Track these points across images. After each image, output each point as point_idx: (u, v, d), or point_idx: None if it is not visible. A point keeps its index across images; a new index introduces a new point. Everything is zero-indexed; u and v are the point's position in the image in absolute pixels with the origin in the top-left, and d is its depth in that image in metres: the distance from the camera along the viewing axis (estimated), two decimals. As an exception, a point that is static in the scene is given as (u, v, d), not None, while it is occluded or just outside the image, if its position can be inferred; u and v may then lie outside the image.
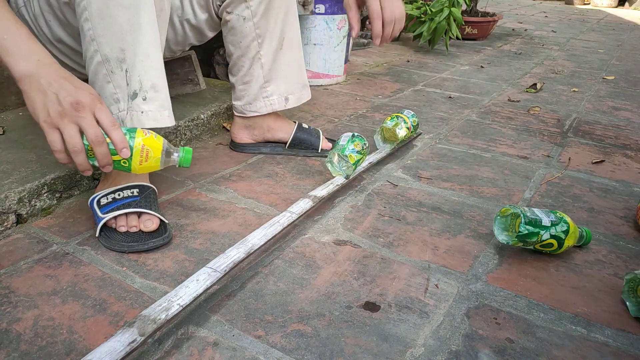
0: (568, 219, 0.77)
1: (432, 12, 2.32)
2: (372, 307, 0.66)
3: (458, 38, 2.60)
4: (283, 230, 0.79)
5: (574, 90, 1.88)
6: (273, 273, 0.72)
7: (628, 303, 0.68)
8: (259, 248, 0.73)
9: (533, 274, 0.75)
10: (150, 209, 0.78)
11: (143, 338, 0.54)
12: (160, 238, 0.76)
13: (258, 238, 0.74)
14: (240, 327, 0.62)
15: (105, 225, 0.77)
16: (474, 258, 0.78)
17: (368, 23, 2.88)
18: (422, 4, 2.41)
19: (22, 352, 0.56)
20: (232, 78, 1.10)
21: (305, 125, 1.15)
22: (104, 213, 0.76)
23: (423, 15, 2.35)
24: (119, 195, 0.78)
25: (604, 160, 1.20)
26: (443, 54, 2.46)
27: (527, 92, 1.83)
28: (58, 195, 0.87)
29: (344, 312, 0.65)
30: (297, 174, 1.05)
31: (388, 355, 0.58)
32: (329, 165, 0.98)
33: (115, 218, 0.77)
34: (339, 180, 0.95)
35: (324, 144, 1.14)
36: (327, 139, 1.16)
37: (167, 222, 0.80)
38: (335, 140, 1.01)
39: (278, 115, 1.13)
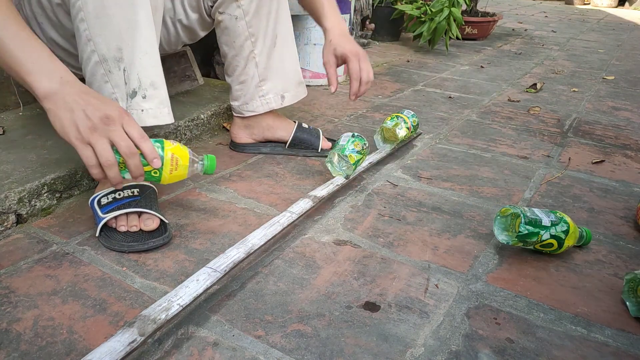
0: (568, 219, 0.77)
1: (432, 12, 2.32)
2: (372, 307, 0.66)
3: (458, 38, 2.60)
4: (283, 230, 0.79)
5: (574, 90, 1.88)
6: (273, 273, 0.72)
7: (628, 303, 0.68)
8: (259, 248, 0.73)
9: (533, 274, 0.75)
10: (151, 209, 0.78)
11: (143, 338, 0.54)
12: (160, 238, 0.76)
13: (258, 238, 0.74)
14: (240, 327, 0.62)
15: (106, 225, 0.77)
16: (474, 258, 0.78)
17: (368, 23, 2.87)
18: (422, 4, 2.41)
19: (22, 352, 0.56)
20: (228, 78, 1.11)
21: (305, 125, 1.15)
22: (105, 213, 0.76)
23: (423, 15, 2.35)
24: (120, 195, 0.78)
25: (604, 160, 1.20)
26: (443, 54, 2.46)
27: (527, 92, 1.83)
28: (58, 195, 0.87)
29: (344, 312, 0.65)
30: (297, 174, 1.05)
31: (388, 355, 0.58)
32: (329, 165, 0.98)
33: (116, 218, 0.77)
34: (339, 180, 0.95)
35: (324, 144, 1.14)
36: (327, 139, 1.16)
37: (167, 222, 0.80)
38: (335, 140, 1.01)
39: (277, 114, 1.14)
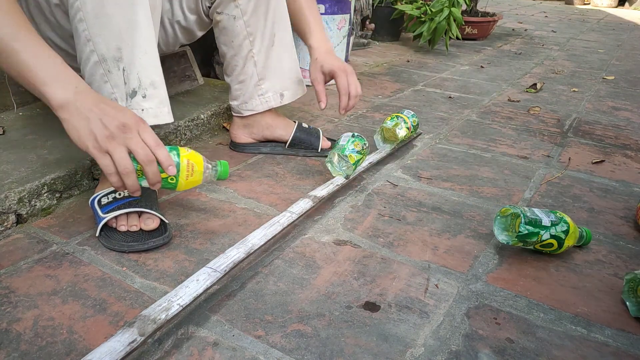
0: (568, 219, 0.77)
1: (432, 12, 2.32)
2: (372, 307, 0.66)
3: (458, 38, 2.60)
4: (283, 230, 0.78)
5: (574, 90, 1.88)
6: (273, 273, 0.72)
7: (628, 303, 0.68)
8: (259, 248, 0.73)
9: (533, 274, 0.75)
10: (151, 209, 0.78)
11: (143, 338, 0.54)
12: (161, 238, 0.76)
13: (258, 238, 0.74)
14: (240, 327, 0.62)
15: (106, 225, 0.77)
16: (474, 258, 0.78)
17: (368, 22, 2.87)
18: (422, 4, 2.41)
19: (22, 352, 0.56)
20: (227, 78, 1.11)
21: (305, 125, 1.15)
22: (105, 213, 0.76)
23: (423, 15, 2.35)
24: (120, 195, 0.78)
25: (604, 160, 1.20)
26: (443, 54, 2.46)
27: (527, 92, 1.83)
28: (58, 195, 0.87)
29: (344, 312, 0.65)
30: (297, 174, 1.05)
31: (388, 355, 0.58)
32: (329, 165, 0.98)
33: (116, 217, 0.77)
34: (339, 180, 0.95)
35: (324, 144, 1.14)
36: (327, 139, 1.16)
37: (167, 222, 0.80)
38: (335, 140, 1.01)
39: (277, 114, 1.14)
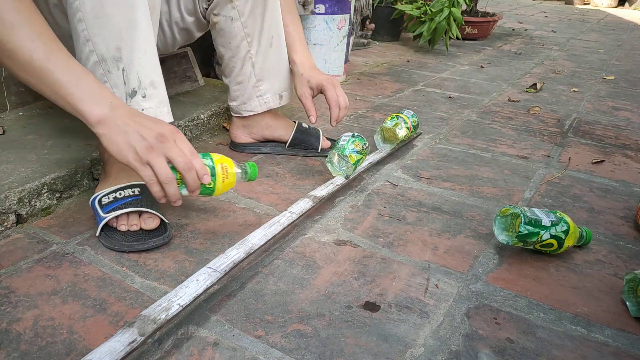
0: (568, 219, 0.77)
1: (432, 12, 2.32)
2: (372, 307, 0.66)
3: (458, 38, 2.60)
4: (283, 230, 0.78)
5: (574, 90, 1.88)
6: (273, 273, 0.72)
7: (628, 303, 0.68)
8: (259, 248, 0.73)
9: (533, 274, 0.75)
10: (152, 209, 0.77)
11: (143, 338, 0.54)
12: (161, 237, 0.76)
13: (258, 238, 0.74)
14: (240, 327, 0.62)
15: (106, 225, 0.77)
16: (474, 258, 0.78)
17: (368, 22, 2.87)
18: (422, 4, 2.41)
19: (22, 352, 0.56)
20: (225, 79, 1.11)
21: (305, 125, 1.15)
22: (106, 212, 0.76)
23: (423, 15, 2.35)
24: (120, 195, 0.78)
25: (604, 160, 1.20)
26: (443, 54, 2.46)
27: (527, 92, 1.83)
28: (58, 195, 0.87)
29: (344, 312, 0.65)
30: (297, 174, 1.05)
31: (388, 355, 0.58)
32: (329, 165, 0.98)
33: (117, 217, 0.77)
34: (339, 180, 0.95)
35: (324, 144, 1.14)
36: (327, 139, 1.16)
37: (167, 221, 0.80)
38: (335, 140, 1.01)
39: (276, 114, 1.14)
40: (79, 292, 0.66)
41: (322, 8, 1.63)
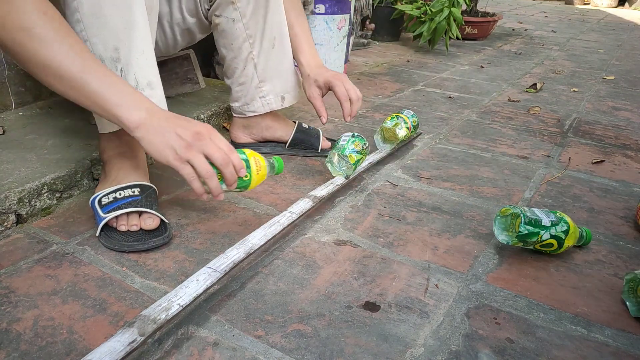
0: (568, 219, 0.77)
1: (432, 12, 2.32)
2: (372, 307, 0.66)
3: (458, 38, 2.60)
4: (283, 230, 0.78)
5: (574, 90, 1.88)
6: (273, 273, 0.72)
7: (628, 303, 0.68)
8: (259, 248, 0.73)
9: (533, 274, 0.75)
10: (151, 209, 0.78)
11: (143, 338, 0.54)
12: (161, 238, 0.76)
13: (258, 238, 0.74)
14: (240, 327, 0.62)
15: (106, 225, 0.77)
16: (474, 258, 0.78)
17: (368, 22, 2.87)
18: (422, 4, 2.41)
19: (22, 352, 0.56)
20: (227, 80, 1.11)
21: (305, 125, 1.15)
22: (106, 213, 0.76)
23: (423, 15, 2.35)
24: (120, 195, 0.78)
25: (604, 160, 1.20)
26: (443, 54, 2.46)
27: (527, 92, 1.83)
28: (58, 195, 0.87)
29: (344, 312, 0.65)
30: (297, 174, 1.05)
31: (388, 355, 0.58)
32: (329, 165, 0.98)
33: (116, 217, 0.77)
34: (339, 180, 0.95)
35: (324, 144, 1.14)
36: (327, 139, 1.16)
37: (167, 221, 0.80)
38: (335, 140, 1.01)
39: (277, 114, 1.14)
40: (79, 292, 0.66)
41: (322, 8, 1.63)
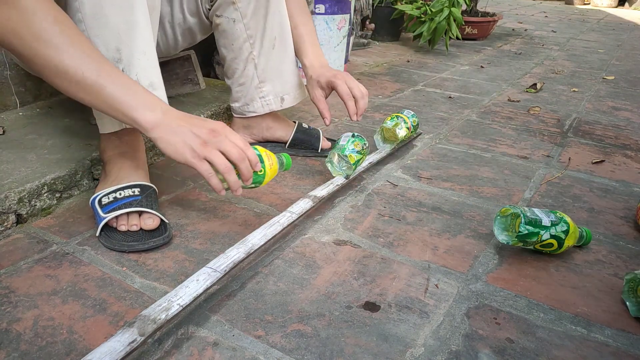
0: (568, 219, 0.77)
1: (432, 12, 2.32)
2: (372, 307, 0.66)
3: (458, 38, 2.60)
4: (283, 230, 0.78)
5: (574, 90, 1.88)
6: (273, 273, 0.72)
7: (628, 303, 0.68)
8: (259, 248, 0.73)
9: (533, 274, 0.75)
10: (152, 209, 0.78)
11: (143, 338, 0.54)
12: (161, 238, 0.76)
13: (258, 238, 0.74)
14: (240, 327, 0.62)
15: (106, 225, 0.77)
16: (474, 258, 0.78)
17: (368, 22, 2.87)
18: (422, 4, 2.41)
19: (22, 352, 0.56)
20: (227, 80, 1.11)
21: (305, 125, 1.15)
22: (106, 213, 0.76)
23: (423, 15, 2.35)
24: (120, 195, 0.78)
25: (604, 160, 1.20)
26: (443, 54, 2.46)
27: (527, 92, 1.83)
28: (58, 195, 0.87)
29: (344, 312, 0.65)
30: (297, 174, 1.05)
31: (388, 355, 0.58)
32: (329, 165, 0.98)
33: (117, 217, 0.77)
34: (339, 180, 0.95)
35: (324, 144, 1.14)
36: (327, 139, 1.16)
37: (167, 221, 0.80)
38: (335, 140, 1.01)
39: (277, 115, 1.14)
40: (79, 292, 0.66)
41: (322, 8, 1.63)
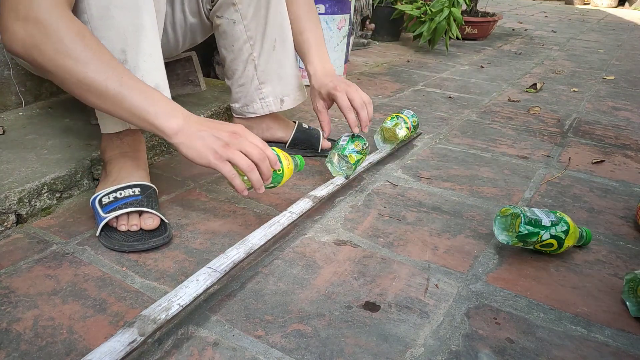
0: (568, 219, 0.77)
1: (432, 12, 2.32)
2: (372, 307, 0.66)
3: (458, 38, 2.60)
4: (283, 230, 0.78)
5: (574, 90, 1.88)
6: (273, 273, 0.72)
7: (628, 303, 0.68)
8: (259, 248, 0.73)
9: (533, 274, 0.75)
10: (152, 208, 0.78)
11: (143, 338, 0.54)
12: (161, 238, 0.76)
13: (258, 238, 0.74)
14: (240, 327, 0.62)
15: (106, 225, 0.77)
16: (474, 258, 0.78)
17: (368, 22, 2.87)
18: (422, 4, 2.41)
19: (22, 352, 0.56)
20: (227, 81, 1.11)
21: (305, 125, 1.15)
22: (106, 212, 0.76)
23: (423, 15, 2.35)
24: (120, 195, 0.78)
25: (604, 160, 1.20)
26: (443, 54, 2.46)
27: (527, 92, 1.83)
28: (58, 195, 0.87)
29: (344, 312, 0.65)
30: (297, 174, 1.05)
31: (388, 355, 0.58)
32: (329, 165, 0.98)
33: (117, 217, 0.77)
34: (339, 180, 0.95)
35: (324, 144, 1.14)
36: (327, 139, 1.16)
37: (167, 221, 0.80)
38: (335, 140, 1.01)
39: (277, 115, 1.13)
40: (79, 292, 0.66)
41: (322, 8, 1.63)
